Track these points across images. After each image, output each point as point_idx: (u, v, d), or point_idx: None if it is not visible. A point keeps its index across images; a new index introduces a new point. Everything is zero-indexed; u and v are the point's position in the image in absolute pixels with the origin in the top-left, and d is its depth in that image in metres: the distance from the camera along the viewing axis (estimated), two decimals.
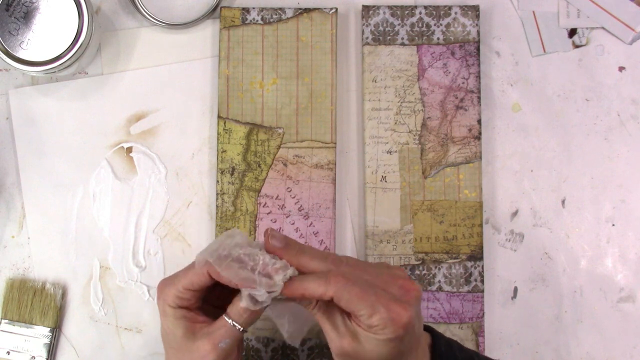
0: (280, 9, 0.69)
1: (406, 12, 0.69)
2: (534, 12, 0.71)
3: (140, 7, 0.70)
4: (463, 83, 0.69)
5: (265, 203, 0.67)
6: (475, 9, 0.69)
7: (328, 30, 0.69)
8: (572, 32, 0.71)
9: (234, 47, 0.69)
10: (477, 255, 0.67)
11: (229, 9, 0.69)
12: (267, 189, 0.67)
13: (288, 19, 0.69)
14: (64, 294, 0.68)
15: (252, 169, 0.68)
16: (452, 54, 0.69)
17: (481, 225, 0.67)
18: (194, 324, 0.53)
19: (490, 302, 0.68)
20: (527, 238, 0.70)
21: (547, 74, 0.71)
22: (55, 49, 0.63)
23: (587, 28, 0.71)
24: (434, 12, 0.69)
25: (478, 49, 0.69)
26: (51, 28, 0.63)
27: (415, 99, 0.68)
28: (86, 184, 0.69)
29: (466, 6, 0.69)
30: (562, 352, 0.69)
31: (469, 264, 0.67)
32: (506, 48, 0.71)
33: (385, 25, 0.69)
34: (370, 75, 0.69)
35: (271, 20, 0.69)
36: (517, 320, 0.69)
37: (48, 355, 0.66)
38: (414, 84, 0.69)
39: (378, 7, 0.69)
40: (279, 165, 0.68)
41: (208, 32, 0.70)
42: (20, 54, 0.63)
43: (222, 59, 0.69)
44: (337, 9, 0.69)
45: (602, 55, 0.71)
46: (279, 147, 0.68)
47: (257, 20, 0.69)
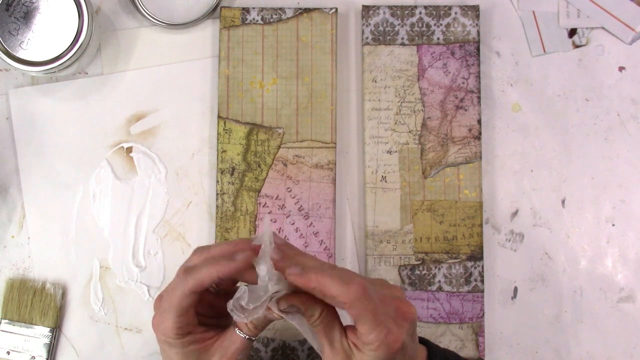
0: (280, 9, 0.69)
1: (406, 12, 0.69)
2: (534, 12, 0.71)
3: (140, 7, 0.70)
4: (463, 83, 0.69)
5: (265, 203, 0.67)
6: (475, 9, 0.69)
7: (328, 30, 0.69)
8: (572, 32, 0.71)
9: (234, 47, 0.69)
10: (477, 255, 0.67)
11: (229, 9, 0.69)
12: (267, 189, 0.67)
13: (288, 19, 0.69)
14: (64, 294, 0.68)
15: (252, 169, 0.68)
16: (452, 54, 0.69)
17: (481, 225, 0.67)
18: (205, 343, 0.52)
19: (490, 302, 0.68)
20: (527, 238, 0.70)
21: (547, 74, 0.71)
22: (55, 49, 0.63)
23: (587, 28, 0.71)
24: (434, 12, 0.69)
25: (478, 49, 0.69)
26: (51, 28, 0.63)
27: (415, 99, 0.68)
28: (86, 184, 0.69)
29: (466, 6, 0.69)
30: (562, 352, 0.69)
31: (469, 264, 0.67)
32: (506, 48, 0.71)
33: (385, 25, 0.69)
34: (370, 75, 0.69)
35: (271, 20, 0.69)
36: (517, 320, 0.69)
37: (48, 355, 0.66)
38: (414, 84, 0.69)
39: (378, 7, 0.69)
40: (279, 165, 0.68)
41: (208, 32, 0.70)
42: (20, 54, 0.63)
43: (222, 59, 0.69)
44: (337, 9, 0.69)
45: (602, 55, 0.71)
46: (279, 147, 0.68)
47: (257, 20, 0.69)
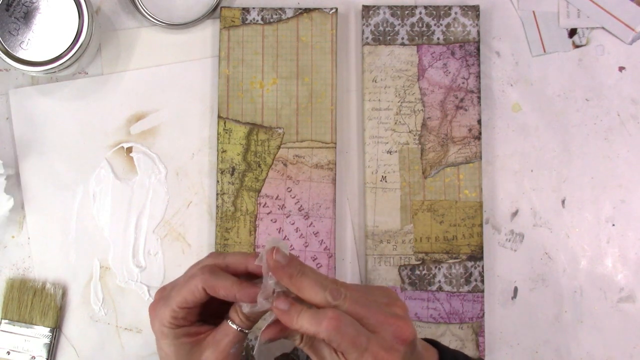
0: (280, 9, 0.69)
1: (406, 12, 0.69)
2: (534, 12, 0.71)
3: (140, 7, 0.70)
4: (463, 83, 0.69)
5: (265, 203, 0.67)
6: (475, 9, 0.69)
7: (328, 30, 0.69)
8: (572, 32, 0.71)
9: (234, 47, 0.69)
10: (477, 255, 0.67)
11: (229, 9, 0.69)
12: (267, 189, 0.67)
13: (288, 19, 0.69)
14: (64, 294, 0.68)
15: (252, 169, 0.68)
16: (452, 54, 0.69)
17: (481, 225, 0.67)
18: (198, 337, 0.52)
19: (490, 302, 0.68)
20: (527, 238, 0.70)
21: (547, 74, 0.71)
22: (55, 49, 0.63)
23: (587, 28, 0.71)
24: (434, 12, 0.69)
25: (478, 49, 0.69)
26: (51, 28, 0.63)
27: (415, 99, 0.68)
28: (86, 184, 0.69)
29: (466, 6, 0.69)
30: (562, 352, 0.69)
31: (469, 264, 0.67)
32: (506, 48, 0.71)
33: (385, 25, 0.69)
34: (370, 75, 0.69)
35: (271, 20, 0.69)
36: (517, 320, 0.69)
37: (48, 355, 0.66)
38: (414, 84, 0.69)
39: (378, 7, 0.69)
40: (279, 165, 0.68)
41: (208, 32, 0.70)
42: (20, 54, 0.63)
43: (222, 59, 0.69)
44: (337, 9, 0.69)
45: (602, 55, 0.71)
46: (279, 147, 0.68)
47: (257, 20, 0.69)
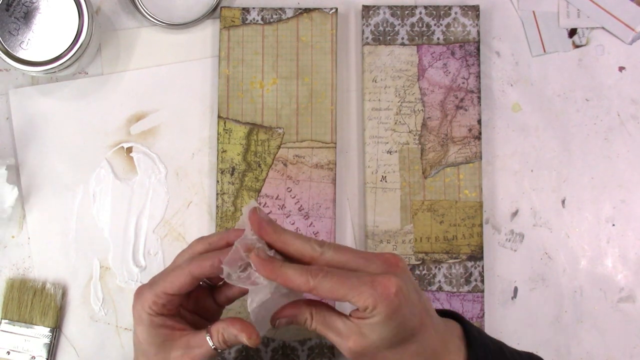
0: (280, 9, 0.69)
1: (406, 12, 0.69)
2: (534, 12, 0.71)
3: (140, 7, 0.70)
4: (463, 83, 0.69)
5: (265, 203, 0.67)
6: (475, 9, 0.69)
7: (328, 30, 0.69)
8: (572, 32, 0.71)
9: (234, 47, 0.69)
10: (477, 255, 0.67)
11: (229, 9, 0.69)
12: (267, 189, 0.67)
13: (288, 19, 0.69)
14: (64, 294, 0.68)
15: (252, 169, 0.68)
16: (452, 54, 0.69)
17: (481, 225, 0.67)
18: (172, 332, 0.51)
19: (490, 302, 0.68)
20: (527, 238, 0.70)
21: (547, 74, 0.71)
22: (55, 49, 0.63)
23: (587, 28, 0.71)
24: (434, 12, 0.69)
25: (478, 49, 0.69)
26: (51, 28, 0.63)
27: (415, 99, 0.68)
28: (86, 184, 0.69)
29: (466, 6, 0.69)
30: (562, 352, 0.69)
31: (469, 264, 0.67)
32: (506, 48, 0.71)
33: (385, 25, 0.69)
34: (370, 75, 0.69)
35: (271, 20, 0.69)
36: (517, 320, 0.69)
37: (48, 355, 0.66)
38: (414, 84, 0.69)
39: (378, 7, 0.69)
40: (279, 165, 0.68)
41: (208, 32, 0.70)
42: (20, 54, 0.63)
43: (222, 59, 0.69)
44: (337, 9, 0.69)
45: (602, 55, 0.71)
46: (279, 147, 0.68)
47: (257, 20, 0.69)
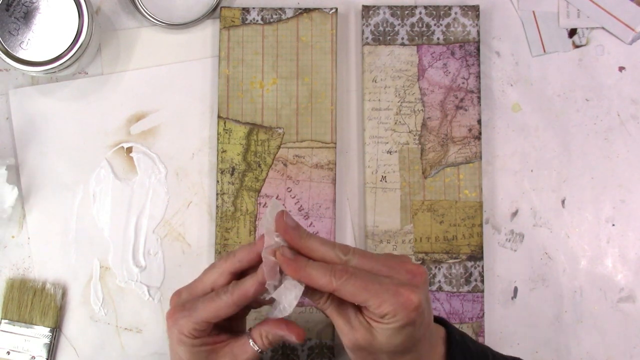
0: (280, 9, 0.69)
1: (406, 12, 0.69)
2: (534, 12, 0.71)
3: (140, 7, 0.70)
4: (463, 83, 0.69)
5: (265, 203, 0.67)
6: (475, 9, 0.69)
7: (328, 30, 0.69)
8: (572, 32, 0.71)
9: (234, 47, 0.69)
10: (477, 255, 0.67)
11: (229, 9, 0.69)
12: (267, 189, 0.67)
13: (288, 19, 0.69)
14: (64, 294, 0.68)
15: (252, 169, 0.68)
16: (452, 54, 0.69)
17: (481, 225, 0.67)
18: (214, 346, 0.52)
19: (490, 302, 0.68)
20: (527, 238, 0.70)
21: (547, 74, 0.71)
22: (55, 49, 0.63)
23: (587, 28, 0.71)
24: (434, 12, 0.69)
25: (478, 49, 0.69)
26: (51, 28, 0.63)
27: (415, 99, 0.68)
28: (86, 184, 0.69)
29: (466, 6, 0.69)
30: (562, 352, 0.69)
31: (469, 264, 0.67)
32: (506, 48, 0.71)
33: (385, 25, 0.69)
34: (370, 75, 0.69)
35: (271, 20, 0.69)
36: (517, 320, 0.69)
37: (48, 355, 0.66)
38: (414, 84, 0.69)
39: (378, 7, 0.69)
40: (279, 165, 0.68)
41: (208, 32, 0.70)
42: (20, 54, 0.63)
43: (222, 59, 0.69)
44: (337, 9, 0.69)
45: (602, 55, 0.71)
46: (279, 147, 0.68)
47: (257, 20, 0.69)
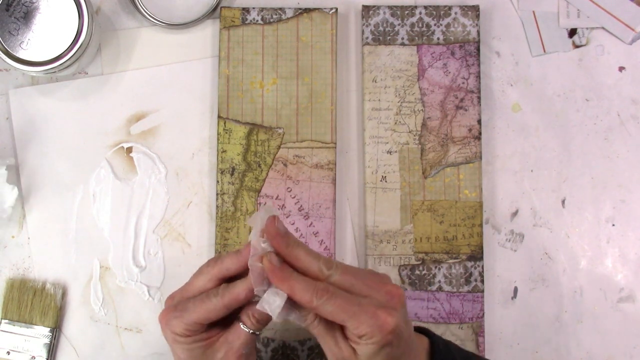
0: (280, 9, 0.69)
1: (406, 12, 0.69)
2: (534, 12, 0.71)
3: (140, 7, 0.70)
4: (463, 83, 0.69)
5: (265, 203, 0.67)
6: (475, 9, 0.69)
7: (328, 30, 0.69)
8: (572, 32, 0.71)
9: (234, 47, 0.69)
10: (477, 255, 0.67)
11: (229, 9, 0.69)
12: (267, 189, 0.67)
13: (288, 19, 0.69)
14: (64, 294, 0.68)
15: (252, 169, 0.68)
16: (452, 54, 0.69)
17: (481, 225, 0.67)
18: (210, 340, 0.52)
19: (490, 302, 0.68)
20: (527, 238, 0.70)
21: (547, 74, 0.71)
22: (55, 49, 0.63)
23: (587, 28, 0.71)
24: (434, 12, 0.69)
25: (478, 49, 0.69)
26: (51, 28, 0.63)
27: (415, 99, 0.68)
28: (86, 184, 0.69)
29: (466, 6, 0.69)
30: (562, 352, 0.69)
31: (469, 264, 0.67)
32: (506, 48, 0.71)
33: (385, 25, 0.69)
34: (370, 75, 0.69)
35: (271, 20, 0.69)
36: (517, 320, 0.69)
37: (48, 355, 0.66)
38: (414, 84, 0.69)
39: (378, 7, 0.69)
40: (279, 165, 0.68)
41: (208, 32, 0.70)
42: (20, 54, 0.63)
43: (222, 59, 0.69)
44: (337, 9, 0.69)
45: (602, 55, 0.71)
46: (279, 147, 0.68)
47: (257, 20, 0.69)
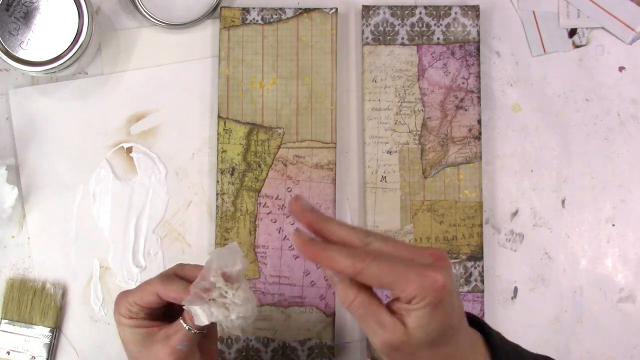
0: (280, 9, 0.69)
1: (406, 12, 0.69)
2: (534, 12, 0.71)
3: (140, 7, 0.70)
4: (463, 83, 0.69)
5: (265, 203, 0.67)
6: (475, 9, 0.69)
7: (328, 30, 0.69)
8: (572, 32, 0.71)
9: (234, 47, 0.69)
10: (477, 255, 0.67)
11: (229, 9, 0.69)
12: (267, 189, 0.67)
13: (288, 19, 0.69)
14: (64, 294, 0.68)
15: (252, 169, 0.68)
16: (452, 54, 0.69)
17: (481, 225, 0.67)
18: (151, 329, 0.54)
19: (490, 302, 0.68)
20: (527, 238, 0.70)
21: (547, 74, 0.71)
22: (55, 49, 0.63)
23: (587, 28, 0.71)
24: (434, 12, 0.69)
25: (478, 49, 0.69)
26: (51, 28, 0.63)
27: (415, 99, 0.68)
28: (86, 184, 0.69)
29: (466, 6, 0.69)
30: (562, 352, 0.69)
31: (469, 264, 0.67)
32: (506, 48, 0.71)
33: (385, 25, 0.69)
34: (370, 75, 0.69)
35: (271, 20, 0.69)
36: (517, 320, 0.69)
37: (48, 355, 0.66)
38: (414, 84, 0.69)
39: (378, 7, 0.69)
40: (279, 165, 0.68)
41: (208, 32, 0.70)
42: (20, 54, 0.63)
43: (222, 59, 0.69)
44: (337, 9, 0.69)
45: (602, 55, 0.71)
46: (279, 147, 0.68)
47: (257, 20, 0.69)
